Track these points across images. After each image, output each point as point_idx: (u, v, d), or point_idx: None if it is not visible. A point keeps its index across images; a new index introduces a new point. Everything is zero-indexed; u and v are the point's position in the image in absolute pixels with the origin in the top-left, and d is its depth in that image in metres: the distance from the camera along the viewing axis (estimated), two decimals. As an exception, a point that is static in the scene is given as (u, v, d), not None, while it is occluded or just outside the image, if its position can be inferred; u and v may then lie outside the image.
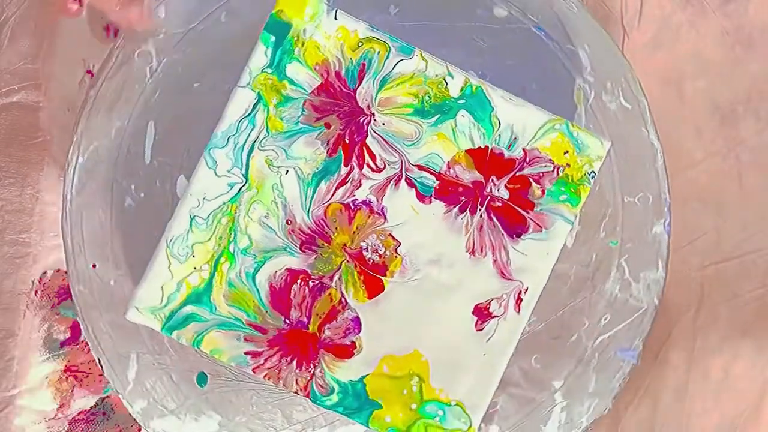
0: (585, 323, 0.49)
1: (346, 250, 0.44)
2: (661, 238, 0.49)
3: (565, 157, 0.45)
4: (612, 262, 0.49)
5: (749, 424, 0.52)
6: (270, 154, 0.44)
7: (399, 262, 0.45)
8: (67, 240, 0.49)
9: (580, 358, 0.49)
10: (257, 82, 0.44)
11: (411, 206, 0.44)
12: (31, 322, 0.55)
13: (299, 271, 0.44)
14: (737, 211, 0.52)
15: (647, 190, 0.49)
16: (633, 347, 0.49)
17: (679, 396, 0.52)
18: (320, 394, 0.44)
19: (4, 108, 0.53)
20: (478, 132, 0.44)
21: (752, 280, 0.52)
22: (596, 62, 0.49)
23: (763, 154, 0.52)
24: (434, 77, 0.44)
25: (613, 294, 0.50)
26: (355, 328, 0.45)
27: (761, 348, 0.52)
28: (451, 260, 0.45)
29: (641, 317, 0.49)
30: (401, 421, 0.45)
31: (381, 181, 0.44)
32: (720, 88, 0.52)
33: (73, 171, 0.49)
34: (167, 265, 0.44)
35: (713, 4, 0.52)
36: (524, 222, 0.45)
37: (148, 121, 0.49)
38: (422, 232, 0.44)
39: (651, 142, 0.49)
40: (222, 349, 0.44)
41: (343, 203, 0.44)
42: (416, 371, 0.45)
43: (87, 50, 0.53)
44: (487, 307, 0.45)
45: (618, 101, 0.49)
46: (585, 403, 0.49)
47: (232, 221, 0.44)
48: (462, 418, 0.45)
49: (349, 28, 0.44)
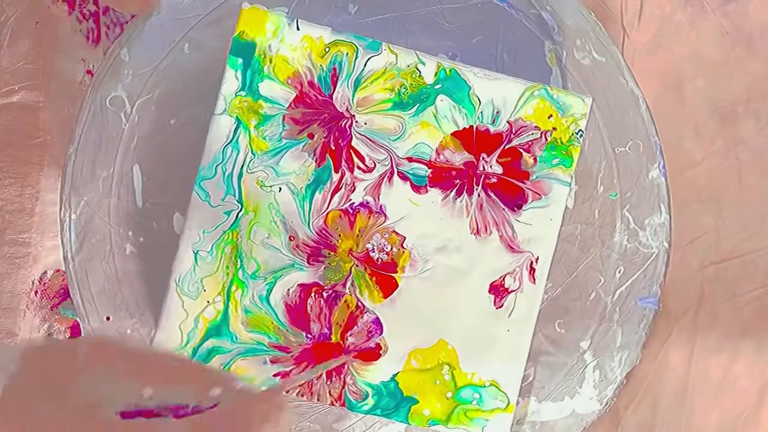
0: (600, 280, 0.50)
1: (354, 255, 0.44)
2: (658, 181, 0.49)
3: (550, 121, 0.45)
4: (615, 214, 0.50)
5: (749, 424, 0.52)
6: (260, 175, 0.44)
7: (407, 257, 0.45)
8: (77, 298, 0.49)
9: (602, 314, 0.50)
10: (233, 107, 0.44)
11: (408, 199, 0.44)
12: (31, 322, 0.55)
13: (311, 285, 0.44)
14: (737, 211, 0.53)
15: (636, 137, 0.49)
16: (652, 293, 0.49)
17: (679, 396, 0.52)
18: (355, 401, 0.45)
19: (4, 108, 0.52)
20: (459, 113, 0.44)
21: (752, 280, 0.53)
22: (562, 22, 0.49)
23: (763, 154, 0.52)
24: (406, 68, 0.44)
25: (622, 245, 0.50)
26: (377, 330, 0.45)
27: (761, 348, 0.52)
28: (457, 244, 0.45)
29: (654, 262, 0.49)
30: (440, 412, 0.45)
31: (374, 180, 0.44)
32: (720, 88, 0.52)
33: (68, 230, 0.48)
34: (180, 304, 0.44)
35: (713, 4, 0.52)
36: (522, 193, 0.45)
37: (132, 166, 0.49)
38: (424, 222, 0.44)
39: (631, 89, 0.49)
40: (250, 376, 0.44)
41: (341, 209, 0.44)
42: (445, 360, 0.45)
43: (87, 50, 0.53)
44: (502, 283, 0.45)
45: (591, 56, 0.49)
46: (615, 357, 0.49)
47: (235, 248, 0.44)
48: (498, 396, 0.45)
49: (313, 35, 0.44)
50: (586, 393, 0.50)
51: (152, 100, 0.49)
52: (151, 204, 0.49)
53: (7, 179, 0.52)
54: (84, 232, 0.49)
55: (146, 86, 0.49)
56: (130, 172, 0.49)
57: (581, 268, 0.49)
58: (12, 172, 0.52)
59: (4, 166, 0.52)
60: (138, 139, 0.49)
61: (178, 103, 0.49)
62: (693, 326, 0.52)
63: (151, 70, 0.49)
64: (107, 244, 0.49)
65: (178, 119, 0.49)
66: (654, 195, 0.49)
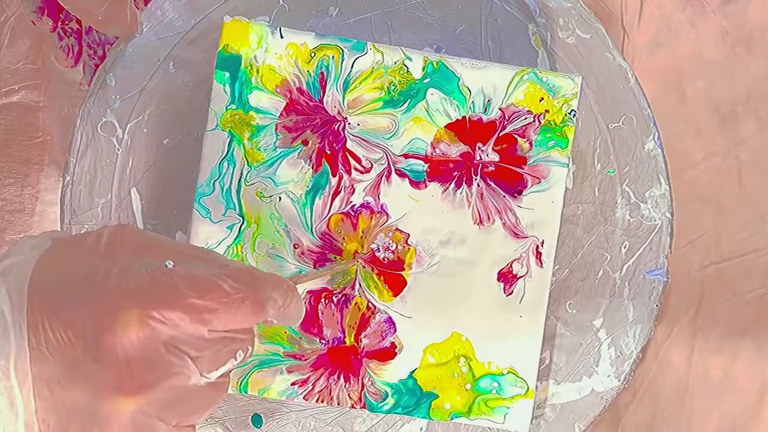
0: (607, 257, 0.50)
1: (360, 256, 0.44)
2: (655, 153, 0.49)
3: (542, 104, 0.45)
4: (615, 190, 0.50)
5: (749, 424, 0.52)
6: (258, 186, 0.44)
7: (413, 253, 0.45)
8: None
9: (612, 291, 0.50)
10: (225, 121, 0.44)
11: (409, 196, 0.44)
12: None
13: (320, 290, 0.44)
14: (737, 211, 0.53)
15: (629, 111, 0.49)
16: (659, 265, 0.49)
17: (679, 396, 0.52)
18: (375, 402, 0.45)
19: (4, 108, 0.52)
20: (451, 105, 0.44)
21: (752, 280, 0.53)
22: (543, 3, 0.49)
23: (763, 154, 0.52)
24: (394, 65, 0.44)
25: (625, 220, 0.50)
26: (390, 329, 0.45)
27: (761, 348, 0.52)
28: (462, 236, 0.45)
29: (659, 234, 0.49)
30: (461, 404, 0.45)
31: (372, 180, 0.44)
32: (720, 88, 0.52)
33: (72, 259, 0.48)
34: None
35: (713, 4, 0.51)
36: (521, 178, 0.45)
37: (130, 189, 0.49)
38: (427, 217, 0.44)
39: (618, 64, 0.49)
40: (269, 387, 0.44)
41: (343, 212, 0.44)
42: (461, 352, 0.45)
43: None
44: (510, 270, 0.45)
45: (575, 34, 0.49)
46: (629, 332, 0.50)
47: (242, 262, 0.44)
48: (518, 383, 0.45)
49: (297, 42, 0.44)
50: (604, 371, 0.50)
51: (143, 122, 0.49)
52: (152, 225, 0.49)
53: (7, 179, 0.52)
54: (88, 261, 0.49)
55: (135, 109, 0.49)
56: (128, 196, 0.49)
57: (586, 247, 0.50)
58: (12, 172, 0.52)
59: (4, 166, 0.52)
60: (133, 162, 0.49)
61: (170, 122, 0.48)
62: (693, 326, 0.52)
63: (138, 92, 0.49)
64: (112, 270, 0.49)
65: (171, 138, 0.48)
66: (652, 167, 0.49)
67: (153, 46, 0.48)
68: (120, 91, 0.48)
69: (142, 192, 0.49)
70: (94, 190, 0.49)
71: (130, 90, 0.48)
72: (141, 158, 0.49)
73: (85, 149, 0.48)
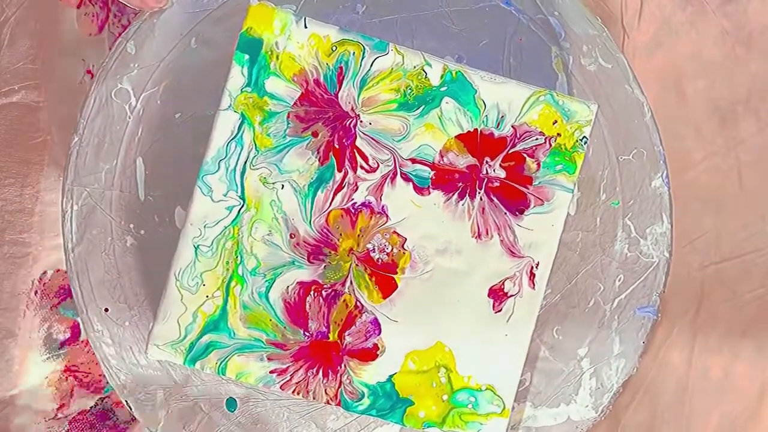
0: (600, 287, 0.49)
1: (354, 254, 0.44)
2: (661, 191, 0.49)
3: (555, 126, 0.45)
4: (617, 222, 0.49)
5: (749, 424, 0.52)
6: (263, 171, 0.44)
7: (408, 258, 0.45)
8: (76, 289, 0.49)
9: (601, 322, 0.49)
10: (238, 103, 0.44)
11: (411, 200, 0.44)
12: (31, 322, 0.55)
13: (311, 283, 0.44)
14: (737, 211, 0.53)
15: (640, 146, 0.49)
16: (651, 303, 0.49)
17: (679, 396, 0.52)
18: (351, 401, 0.44)
19: (4, 108, 0.52)
20: (464, 116, 0.44)
21: (752, 280, 0.53)
22: (569, 28, 0.49)
23: (763, 154, 0.52)
24: (413, 69, 0.44)
25: (623, 254, 0.50)
26: (375, 330, 0.45)
27: (761, 348, 0.52)
28: (458, 247, 0.45)
29: (654, 272, 0.49)
30: (435, 414, 0.45)
31: (377, 180, 0.44)
32: (720, 88, 0.52)
33: (69, 220, 0.49)
34: (179, 297, 0.44)
35: (713, 4, 0.51)
36: (525, 198, 0.45)
37: (135, 158, 0.49)
38: (426, 224, 0.44)
39: (636, 97, 0.49)
40: (247, 372, 0.44)
41: (343, 208, 0.44)
42: (442, 362, 0.45)
43: (87, 50, 0.53)
44: (502, 287, 0.45)
45: (597, 62, 0.49)
46: (612, 365, 0.49)
47: (236, 244, 0.44)
48: (494, 401, 0.45)
49: (320, 34, 0.44)
50: (582, 400, 0.50)
51: (157, 94, 0.49)
52: (153, 197, 0.49)
53: (7, 179, 0.52)
54: (85, 224, 0.49)
55: (152, 79, 0.49)
56: (133, 165, 0.49)
57: (581, 275, 0.49)
58: (12, 172, 0.53)
59: (4, 166, 0.52)
60: (142, 132, 0.49)
61: (184, 97, 0.49)
62: (693, 326, 0.52)
63: (157, 63, 0.49)
64: (108, 236, 0.49)
65: (183, 113, 0.49)
66: (656, 204, 0.49)
67: (178, 19, 0.49)
68: (139, 59, 0.49)
69: (148, 162, 0.49)
70: (100, 154, 0.49)
71: (149, 60, 0.49)
72: (151, 129, 0.49)
73: (96, 113, 0.48)
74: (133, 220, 0.49)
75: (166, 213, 0.49)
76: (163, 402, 0.50)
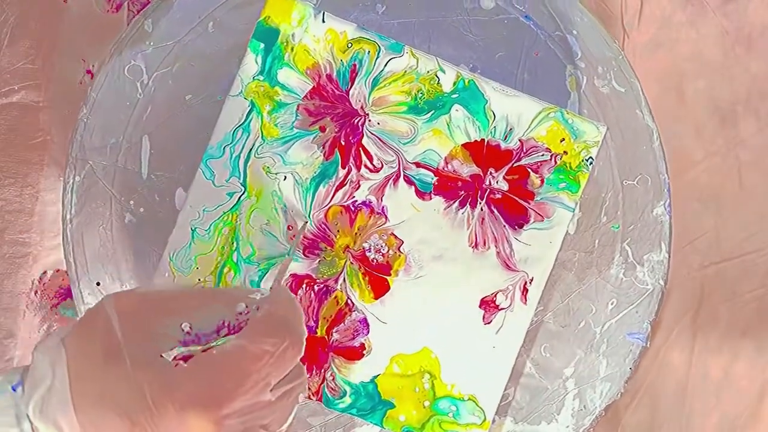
0: (592, 309, 0.49)
1: (350, 252, 0.44)
2: (662, 219, 0.49)
3: (562, 144, 0.44)
4: (615, 246, 0.49)
5: (749, 424, 0.52)
6: (267, 161, 0.44)
7: (403, 261, 0.45)
8: (70, 260, 0.49)
9: (590, 344, 0.49)
10: (249, 90, 0.44)
11: (411, 204, 0.44)
12: (31, 322, 0.54)
13: (304, 276, 0.44)
14: (737, 211, 0.52)
15: (645, 172, 0.49)
16: (641, 330, 0.49)
17: (679, 396, 0.52)
18: (333, 398, 0.44)
19: (4, 108, 0.52)
20: (473, 125, 0.44)
21: (752, 280, 0.52)
22: (586, 47, 0.49)
23: (763, 153, 0.52)
24: (426, 73, 0.44)
25: (618, 278, 0.49)
26: (363, 330, 0.44)
27: (761, 348, 0.52)
28: (454, 255, 0.45)
29: (648, 299, 0.49)
30: (415, 419, 0.45)
31: (379, 180, 0.44)
32: (720, 88, 0.52)
33: (70, 191, 0.49)
34: (172, 278, 0.44)
35: (713, 4, 0.51)
36: (525, 212, 0.45)
37: (142, 136, 0.49)
38: (424, 228, 0.44)
39: (646, 123, 0.49)
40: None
41: (343, 205, 0.44)
42: (427, 368, 0.45)
43: (87, 50, 0.53)
44: (494, 299, 0.45)
45: (611, 85, 0.49)
46: (597, 388, 0.49)
47: (233, 231, 0.44)
48: (475, 412, 0.45)
49: (337, 29, 0.44)
50: (564, 420, 0.49)
51: (170, 74, 0.49)
52: (155, 176, 0.49)
53: (7, 179, 0.53)
54: (86, 196, 0.49)
55: (166, 59, 0.49)
56: (139, 143, 0.49)
57: (574, 295, 0.49)
58: (12, 172, 0.53)
59: (4, 166, 0.52)
60: (151, 110, 0.49)
61: (196, 80, 0.49)
62: (693, 326, 0.52)
63: (173, 44, 0.49)
64: (107, 211, 0.49)
65: (194, 95, 0.49)
66: (656, 232, 0.49)
67: (197, 2, 0.49)
68: (155, 38, 0.49)
69: (154, 141, 0.49)
70: (107, 128, 0.49)
71: (165, 40, 0.49)
72: (160, 108, 0.49)
73: (108, 87, 0.49)
74: (133, 197, 0.49)
75: (167, 193, 0.49)
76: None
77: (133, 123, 0.49)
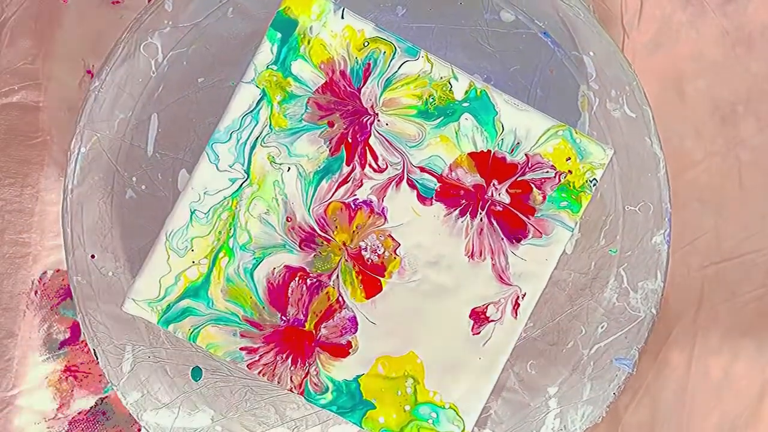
0: (582, 331, 0.49)
1: (346, 250, 0.44)
2: (660, 247, 0.49)
3: (568, 163, 0.44)
4: (611, 270, 0.49)
5: (749, 424, 0.52)
6: (272, 150, 0.44)
7: (398, 263, 0.45)
8: (67, 230, 0.49)
9: (576, 365, 0.49)
10: (262, 79, 0.44)
11: (412, 208, 0.44)
12: (31, 322, 0.55)
13: (297, 269, 0.44)
14: (737, 211, 0.52)
15: (648, 199, 0.49)
16: (629, 356, 0.49)
17: (679, 396, 0.52)
18: (314, 393, 0.44)
19: (4, 108, 0.53)
20: (481, 135, 0.44)
21: (752, 280, 0.52)
22: (601, 70, 0.49)
23: (763, 154, 0.52)
24: (439, 79, 0.44)
25: (611, 302, 0.49)
26: (351, 328, 0.44)
27: (761, 348, 0.52)
28: (450, 263, 0.44)
29: (638, 326, 0.49)
30: (394, 422, 0.44)
31: (382, 181, 0.44)
32: (720, 88, 0.52)
33: (75, 161, 0.49)
34: (166, 258, 0.44)
35: (713, 4, 0.51)
36: (524, 227, 0.45)
37: (151, 114, 0.49)
38: (422, 233, 0.44)
39: (654, 151, 0.49)
40: (218, 344, 0.44)
41: (343, 202, 0.44)
42: (411, 373, 0.45)
43: (87, 50, 0.53)
44: (484, 311, 0.45)
45: (622, 109, 0.49)
46: (579, 410, 0.49)
47: (232, 216, 0.44)
48: (455, 421, 0.45)
49: (355, 27, 0.44)
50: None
51: (185, 55, 0.49)
52: (160, 155, 0.49)
53: (7, 179, 0.53)
54: (89, 168, 0.49)
55: (183, 40, 0.49)
56: (148, 120, 0.49)
57: (565, 314, 0.49)
58: (12, 172, 0.53)
59: (4, 166, 0.53)
60: (163, 89, 0.49)
61: (210, 63, 0.49)
62: (693, 326, 0.52)
63: (191, 25, 0.49)
64: (109, 185, 0.49)
65: (207, 79, 0.49)
66: (653, 260, 0.49)
67: (219, -14, 0.49)
68: (174, 18, 0.49)
69: (162, 120, 0.49)
70: (117, 103, 0.49)
71: (184, 21, 0.49)
72: (172, 88, 0.49)
73: (122, 62, 0.49)
74: (136, 173, 0.49)
75: (170, 173, 0.49)
76: (130, 358, 0.50)
77: (144, 100, 0.49)
